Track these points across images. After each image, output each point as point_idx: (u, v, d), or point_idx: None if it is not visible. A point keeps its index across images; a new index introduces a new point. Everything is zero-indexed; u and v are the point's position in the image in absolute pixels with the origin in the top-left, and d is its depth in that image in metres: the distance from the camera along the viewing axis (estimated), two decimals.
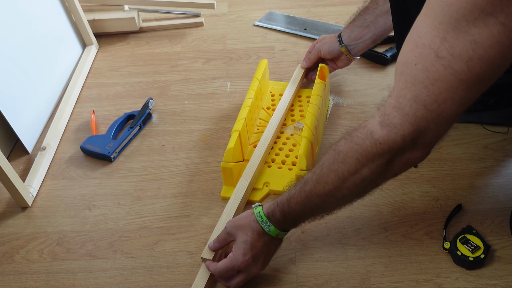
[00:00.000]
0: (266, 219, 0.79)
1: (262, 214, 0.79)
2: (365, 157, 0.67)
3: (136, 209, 1.01)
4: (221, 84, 1.32)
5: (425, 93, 0.61)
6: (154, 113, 1.24)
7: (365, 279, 0.85)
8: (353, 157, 0.68)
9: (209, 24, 1.57)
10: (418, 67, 0.60)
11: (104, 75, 1.39)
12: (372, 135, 0.66)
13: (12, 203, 1.04)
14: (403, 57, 0.63)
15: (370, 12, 1.12)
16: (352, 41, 1.15)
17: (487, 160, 1.03)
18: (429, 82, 0.60)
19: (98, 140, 1.14)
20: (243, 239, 0.80)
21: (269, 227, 0.79)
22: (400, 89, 0.63)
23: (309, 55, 1.23)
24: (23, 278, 0.90)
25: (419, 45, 0.60)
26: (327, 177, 0.72)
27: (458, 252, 0.84)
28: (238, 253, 0.80)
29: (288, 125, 1.14)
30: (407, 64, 0.62)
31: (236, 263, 0.80)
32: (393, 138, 0.65)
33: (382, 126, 0.65)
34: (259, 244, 0.80)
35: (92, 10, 1.52)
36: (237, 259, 0.80)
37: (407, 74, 0.62)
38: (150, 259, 0.91)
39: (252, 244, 0.79)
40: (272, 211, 0.79)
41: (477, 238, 0.85)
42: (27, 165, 1.12)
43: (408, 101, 0.62)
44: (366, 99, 1.22)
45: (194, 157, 1.11)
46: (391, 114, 0.64)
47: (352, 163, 0.69)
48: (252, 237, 0.79)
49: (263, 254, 0.81)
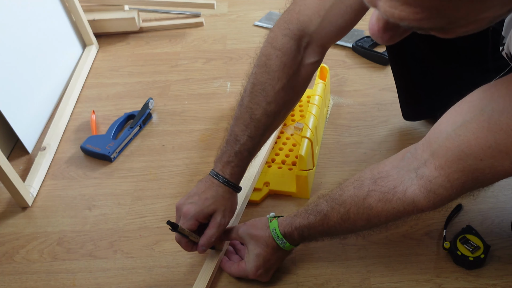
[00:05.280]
0: (282, 238, 0.79)
1: (278, 232, 0.79)
2: (403, 216, 0.70)
3: (136, 209, 1.01)
4: (221, 84, 1.32)
5: (482, 179, 0.61)
6: (154, 113, 1.24)
7: (365, 279, 0.85)
8: (390, 217, 0.70)
9: (209, 24, 1.57)
10: (484, 163, 0.59)
11: (104, 75, 1.39)
12: (415, 204, 0.67)
13: (12, 203, 1.04)
14: (467, 148, 0.60)
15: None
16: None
17: None
18: (491, 175, 0.60)
19: (98, 140, 1.14)
20: (257, 252, 0.80)
21: (284, 244, 0.79)
22: (454, 172, 0.62)
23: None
24: (23, 278, 0.90)
25: (494, 148, 0.57)
26: (354, 221, 0.73)
27: (458, 252, 0.84)
28: (251, 265, 0.81)
29: (288, 125, 1.14)
30: (469, 156, 0.60)
31: (248, 274, 0.82)
32: (437, 207, 0.67)
33: (429, 200, 0.65)
34: (273, 258, 0.80)
35: (92, 10, 1.52)
36: (250, 271, 0.81)
37: (468, 164, 0.60)
38: (150, 259, 0.91)
39: (266, 258, 0.80)
40: (290, 233, 0.78)
41: (477, 238, 0.85)
42: (27, 165, 1.12)
43: (461, 184, 0.62)
44: (366, 99, 1.22)
45: (194, 157, 1.11)
46: (439, 191, 0.64)
47: (389, 220, 0.71)
48: (266, 251, 0.80)
49: (275, 266, 0.83)
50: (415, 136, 1.10)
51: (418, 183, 0.65)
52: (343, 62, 1.35)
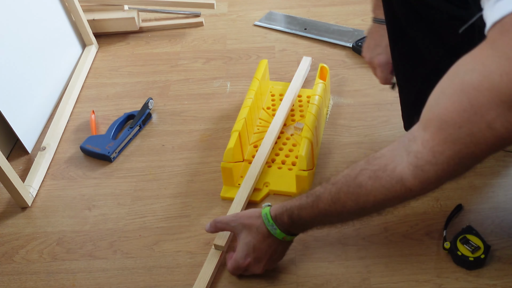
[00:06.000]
0: (273, 222, 0.78)
1: (269, 216, 0.78)
2: (393, 198, 0.67)
3: (136, 209, 1.01)
4: (221, 84, 1.32)
5: (465, 152, 0.60)
6: (154, 113, 1.24)
7: (365, 279, 0.85)
8: (378, 196, 0.67)
9: (209, 24, 1.57)
10: (463, 130, 0.58)
11: (104, 75, 1.39)
12: (403, 182, 0.64)
13: (12, 203, 1.04)
14: (445, 115, 0.59)
15: None
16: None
17: (487, 160, 1.02)
18: (472, 145, 0.59)
19: (98, 140, 1.14)
20: (246, 240, 0.79)
21: (275, 230, 0.78)
22: (437, 144, 0.61)
23: None
24: (23, 278, 0.90)
25: (469, 110, 0.56)
26: (344, 202, 0.71)
27: (458, 252, 0.84)
28: (240, 254, 0.80)
29: (288, 125, 1.14)
30: (449, 123, 0.59)
31: (238, 264, 0.80)
32: (426, 188, 0.65)
33: (416, 177, 0.63)
34: (263, 246, 0.79)
35: (92, 10, 1.52)
36: (239, 260, 0.80)
37: (449, 133, 0.59)
38: (150, 259, 0.91)
39: (255, 246, 0.79)
40: (280, 215, 0.77)
41: (477, 238, 0.85)
42: (27, 165, 1.12)
43: (446, 159, 0.61)
44: (366, 99, 1.22)
45: (194, 157, 1.11)
46: (425, 168, 0.62)
47: (378, 200, 0.68)
48: (256, 238, 0.78)
49: (266, 255, 0.80)
50: None
51: (407, 159, 0.64)
52: (343, 62, 1.35)
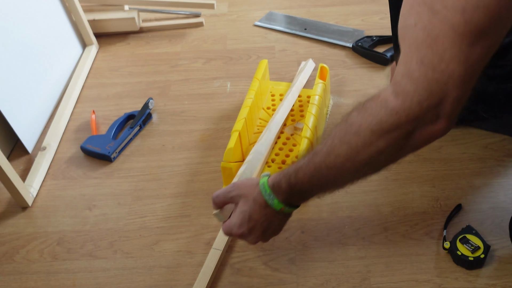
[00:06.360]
0: (270, 191, 0.73)
1: (266, 185, 0.74)
2: (380, 128, 0.63)
3: (136, 209, 1.01)
4: (221, 84, 1.32)
5: (430, 53, 0.58)
6: (154, 113, 1.24)
7: (365, 279, 0.85)
8: (367, 128, 0.63)
9: (209, 24, 1.57)
10: (418, 27, 0.58)
11: (104, 75, 1.39)
12: (386, 104, 0.62)
13: (12, 203, 1.04)
14: (403, 21, 0.61)
15: None
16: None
17: (487, 160, 1.03)
18: (431, 40, 0.57)
19: (98, 140, 1.14)
20: (242, 209, 0.76)
21: (272, 200, 0.73)
22: (406, 55, 0.60)
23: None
24: (23, 278, 0.90)
25: (414, 4, 0.59)
26: (339, 149, 0.66)
27: (458, 252, 0.84)
28: (234, 221, 0.77)
29: (288, 125, 1.14)
30: (407, 27, 0.60)
31: (232, 231, 0.77)
32: (408, 106, 0.60)
33: (396, 94, 0.61)
34: (258, 216, 0.75)
35: (92, 10, 1.52)
36: (233, 227, 0.77)
37: (409, 37, 0.60)
38: (150, 259, 0.91)
39: (250, 215, 0.75)
40: (278, 182, 0.73)
41: (477, 238, 0.85)
42: (27, 165, 1.12)
43: (416, 65, 0.59)
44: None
45: (194, 157, 1.11)
46: (402, 82, 0.61)
47: (367, 134, 0.64)
48: (252, 208, 0.75)
49: (261, 227, 0.76)
50: None
51: (390, 88, 0.63)
52: (343, 62, 1.35)
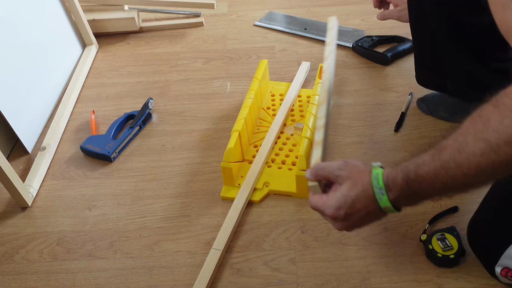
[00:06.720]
0: (382, 186, 0.67)
1: (380, 178, 0.68)
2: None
3: (136, 209, 1.01)
4: (221, 84, 1.32)
5: None
6: (154, 113, 1.24)
7: (365, 279, 0.85)
8: (510, 125, 0.57)
9: (209, 24, 1.57)
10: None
11: (104, 75, 1.39)
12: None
13: (12, 203, 1.04)
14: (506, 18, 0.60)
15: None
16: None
17: None
18: None
19: (98, 140, 1.14)
20: (346, 192, 0.69)
21: (381, 196, 0.67)
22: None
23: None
24: (23, 278, 0.90)
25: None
26: (473, 147, 0.60)
27: (429, 245, 0.85)
28: (333, 201, 0.70)
29: (288, 125, 1.14)
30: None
31: (325, 210, 0.72)
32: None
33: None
34: (360, 206, 0.69)
35: (92, 10, 1.52)
36: (329, 207, 0.71)
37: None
38: (150, 259, 0.91)
39: (353, 204, 0.69)
40: (393, 178, 0.66)
41: (455, 240, 0.85)
42: (27, 165, 1.12)
43: None
44: (366, 99, 1.22)
45: (194, 157, 1.11)
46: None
47: (510, 132, 0.58)
48: (357, 195, 0.69)
49: (358, 218, 0.71)
50: (415, 136, 1.10)
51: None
52: (343, 62, 1.35)
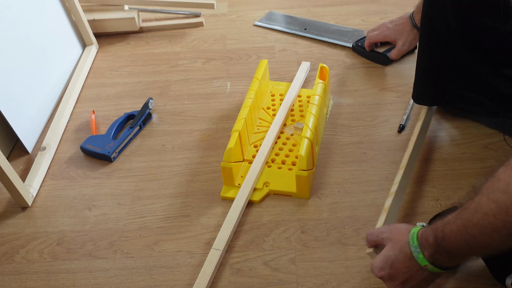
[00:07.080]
0: (417, 244, 0.71)
1: (415, 237, 0.72)
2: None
3: (136, 209, 1.01)
4: (221, 84, 1.32)
5: None
6: (154, 113, 1.24)
7: (365, 279, 0.85)
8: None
9: (209, 24, 1.57)
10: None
11: (104, 75, 1.39)
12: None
13: (12, 203, 1.04)
14: None
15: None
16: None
17: (487, 160, 1.03)
18: None
19: (98, 140, 1.14)
20: (387, 253, 0.75)
21: (418, 254, 0.71)
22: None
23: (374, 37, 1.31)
24: (23, 278, 0.90)
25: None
26: (486, 207, 0.62)
27: None
28: (376, 263, 0.76)
29: (288, 125, 1.14)
30: None
31: (373, 272, 0.77)
32: None
33: None
34: (401, 266, 0.73)
35: (92, 10, 1.52)
36: (374, 270, 0.76)
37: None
38: (150, 259, 0.91)
39: (393, 263, 0.74)
40: (426, 236, 0.70)
41: None
42: (27, 165, 1.12)
43: None
44: (366, 99, 1.22)
45: (194, 157, 1.11)
46: None
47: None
48: (397, 256, 0.73)
49: (402, 278, 0.74)
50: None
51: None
52: (343, 62, 1.35)
